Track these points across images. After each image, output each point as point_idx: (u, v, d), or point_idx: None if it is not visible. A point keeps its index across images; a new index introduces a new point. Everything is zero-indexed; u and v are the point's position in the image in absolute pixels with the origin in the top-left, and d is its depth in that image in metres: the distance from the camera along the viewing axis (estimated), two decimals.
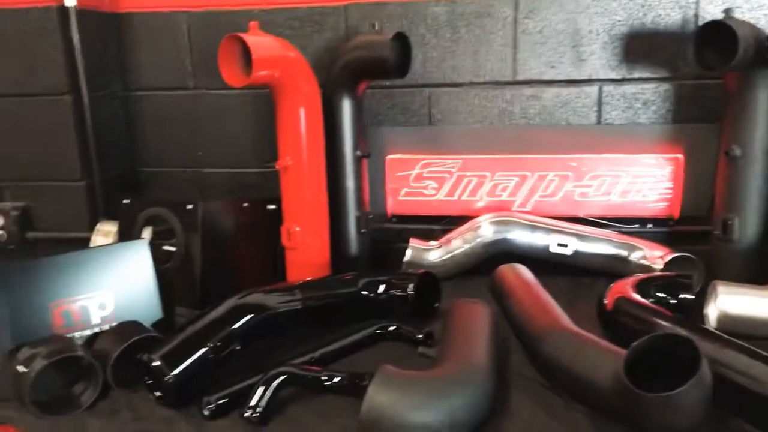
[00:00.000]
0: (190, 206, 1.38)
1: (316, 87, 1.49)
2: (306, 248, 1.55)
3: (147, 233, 1.44)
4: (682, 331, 1.04)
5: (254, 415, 1.05)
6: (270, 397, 1.07)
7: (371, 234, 1.71)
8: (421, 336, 1.31)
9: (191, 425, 1.07)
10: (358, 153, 1.61)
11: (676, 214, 1.70)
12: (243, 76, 1.35)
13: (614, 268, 1.62)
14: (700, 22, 1.58)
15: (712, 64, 1.39)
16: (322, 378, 1.12)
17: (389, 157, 1.76)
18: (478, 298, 1.53)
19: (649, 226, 1.71)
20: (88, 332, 1.26)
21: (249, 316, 1.22)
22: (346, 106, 1.57)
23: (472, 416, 0.97)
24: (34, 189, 1.76)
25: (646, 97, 1.66)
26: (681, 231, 1.70)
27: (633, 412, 0.93)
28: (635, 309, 1.27)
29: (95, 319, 1.27)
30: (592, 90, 1.67)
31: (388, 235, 1.81)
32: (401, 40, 1.51)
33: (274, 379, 1.09)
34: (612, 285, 1.38)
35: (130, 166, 1.88)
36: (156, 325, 1.32)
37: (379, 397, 0.94)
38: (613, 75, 1.66)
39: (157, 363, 1.10)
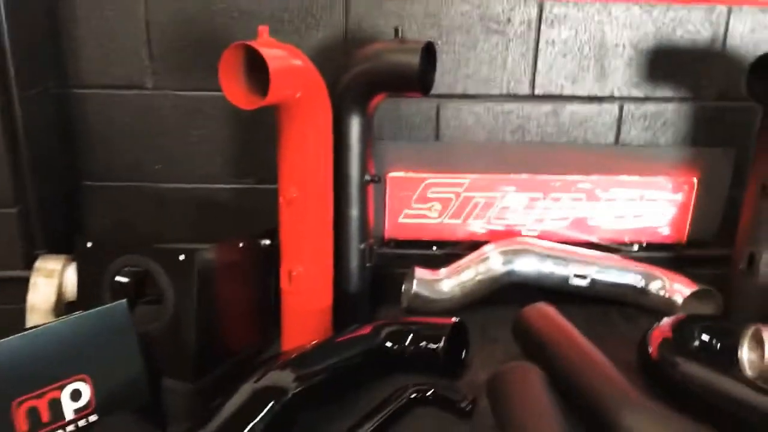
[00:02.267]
0: (182, 257, 1.10)
1: (329, 107, 1.24)
2: (308, 292, 1.31)
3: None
4: None
5: None
6: None
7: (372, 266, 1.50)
8: (465, 405, 1.15)
9: None
10: (367, 177, 1.38)
11: (684, 238, 1.64)
12: (252, 96, 1.08)
13: (632, 299, 1.54)
14: (728, 41, 1.50)
15: (765, 98, 1.30)
16: None
17: (391, 175, 1.55)
18: (497, 336, 1.43)
19: (659, 251, 1.64)
20: None
21: (271, 403, 0.99)
22: (355, 125, 1.32)
23: None
24: None
25: (666, 117, 1.56)
26: (689, 256, 1.64)
27: None
28: (689, 364, 1.18)
29: (69, 414, 0.98)
30: (613, 108, 1.55)
31: (384, 261, 1.61)
32: (427, 51, 1.28)
33: None
34: (652, 330, 1.29)
35: (69, 182, 1.52)
36: (143, 409, 1.06)
37: None
38: (636, 93, 1.53)
39: None
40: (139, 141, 1.52)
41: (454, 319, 1.29)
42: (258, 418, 0.96)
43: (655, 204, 1.61)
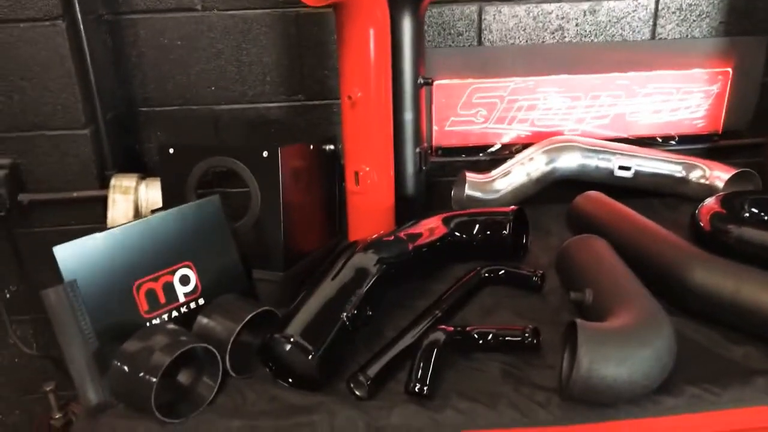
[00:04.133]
0: (265, 153, 1.16)
1: (386, 5, 1.28)
2: (374, 192, 1.38)
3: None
4: None
5: (423, 388, 0.93)
6: (433, 368, 0.95)
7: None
8: (536, 279, 1.22)
9: (353, 408, 0.92)
10: (420, 80, 1.43)
11: (720, 128, 1.70)
12: None
13: (673, 189, 1.60)
14: None
15: None
16: (479, 338, 1.02)
17: (437, 82, 1.59)
18: (550, 228, 1.50)
19: (696, 143, 1.70)
20: (174, 314, 1.05)
21: (375, 276, 1.07)
22: (408, 26, 1.36)
23: (670, 361, 0.91)
24: (24, 141, 1.41)
25: (701, 8, 1.60)
26: (724, 145, 1.71)
27: None
28: (743, 230, 1.25)
29: (181, 297, 1.06)
30: (650, 2, 1.58)
31: (432, 168, 1.67)
32: None
33: (432, 349, 0.96)
34: (701, 207, 1.36)
35: (127, 107, 1.56)
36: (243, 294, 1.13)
37: (591, 354, 0.85)
38: None
39: (296, 340, 0.93)
40: (191, 64, 1.55)
41: (514, 207, 1.36)
42: (365, 289, 1.04)
43: (691, 96, 1.66)
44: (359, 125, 1.33)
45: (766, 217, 1.35)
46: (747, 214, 1.34)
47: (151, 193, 1.40)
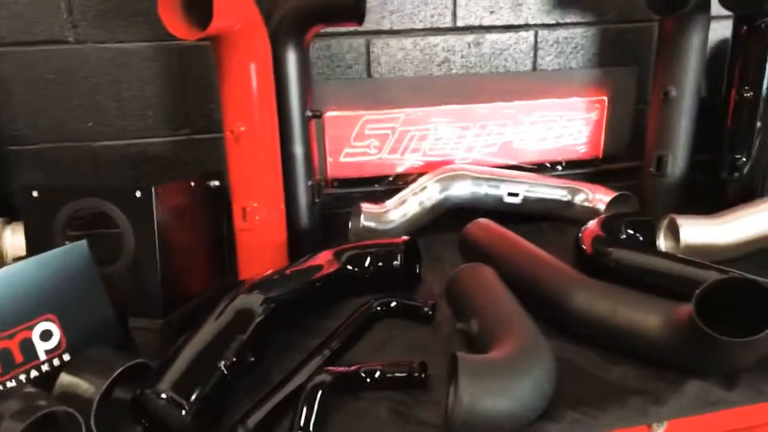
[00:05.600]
0: (138, 193, 1.09)
1: (267, 39, 1.26)
2: (264, 228, 1.34)
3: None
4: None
5: None
6: (317, 412, 0.91)
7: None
8: (427, 309, 1.22)
9: None
10: (308, 113, 1.41)
11: (601, 153, 1.79)
12: (191, 28, 1.08)
13: (560, 213, 1.67)
14: None
15: (663, 10, 1.45)
16: (366, 377, 0.99)
17: (328, 114, 1.59)
18: (443, 256, 1.51)
19: (579, 167, 1.79)
20: (34, 374, 0.96)
21: (258, 319, 1.02)
22: (293, 59, 1.35)
23: (550, 388, 0.92)
24: None
25: (576, 41, 1.69)
26: (605, 170, 1.80)
27: (697, 355, 0.96)
28: (621, 251, 1.31)
29: (41, 355, 0.97)
30: (529, 35, 1.66)
31: (327, 200, 1.65)
32: None
33: (316, 392, 0.93)
34: (583, 231, 1.41)
35: None
36: (115, 347, 1.05)
37: (471, 388, 0.84)
38: (547, 20, 1.65)
39: (168, 395, 0.87)
40: (66, 99, 1.46)
41: (405, 237, 1.36)
42: (245, 335, 0.99)
43: (572, 124, 1.74)
44: (245, 160, 1.29)
45: (641, 238, 1.43)
46: (624, 236, 1.41)
47: (17, 239, 1.29)
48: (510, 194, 1.63)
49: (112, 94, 1.48)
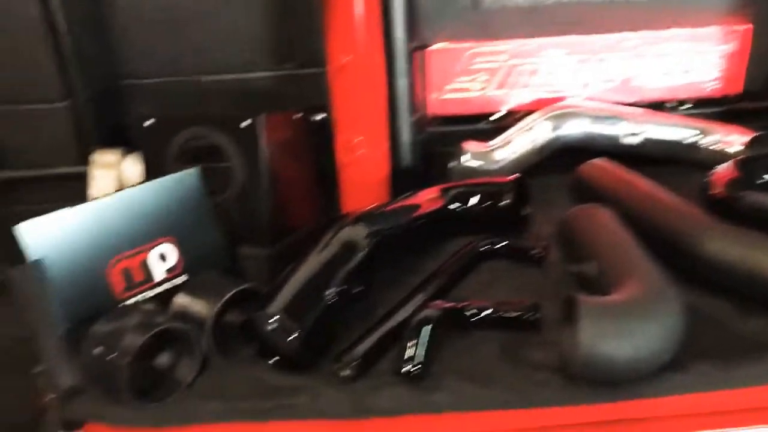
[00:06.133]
0: (246, 123, 1.09)
1: None
2: (366, 163, 1.31)
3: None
4: None
5: (415, 368, 0.87)
6: (425, 346, 0.89)
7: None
8: (538, 251, 1.16)
9: (339, 389, 0.87)
10: (414, 44, 1.35)
11: (739, 89, 1.60)
12: None
13: (686, 155, 1.52)
14: None
15: None
16: (475, 315, 0.96)
17: (432, 47, 1.51)
18: (553, 199, 1.42)
19: (712, 106, 1.61)
20: (150, 293, 1.00)
21: (366, 249, 1.00)
22: None
23: (680, 336, 0.84)
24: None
25: None
26: (743, 108, 1.61)
27: None
28: (760, 195, 1.17)
29: (158, 275, 1.00)
30: None
31: (431, 139, 1.59)
32: None
33: (423, 325, 0.90)
34: (714, 171, 1.27)
35: (110, 81, 1.50)
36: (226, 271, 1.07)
37: (593, 329, 0.79)
38: None
39: (278, 319, 0.88)
40: (176, 34, 1.48)
41: (515, 176, 1.28)
42: (354, 263, 0.98)
43: (706, 56, 1.56)
44: (349, 92, 1.26)
45: None
46: (764, 180, 1.26)
47: (136, 168, 1.34)
48: (628, 134, 1.50)
49: (218, 28, 1.48)
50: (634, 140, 1.51)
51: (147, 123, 1.18)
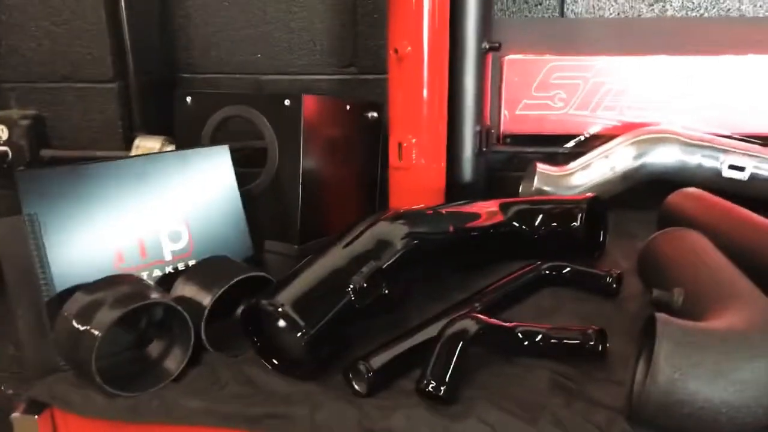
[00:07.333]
0: (287, 101, 0.99)
1: None
2: (421, 169, 1.17)
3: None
4: None
5: (440, 388, 0.70)
6: (456, 364, 0.72)
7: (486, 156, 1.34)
8: (611, 280, 0.96)
9: (346, 403, 0.71)
10: (485, 44, 1.22)
11: None
12: None
13: None
14: None
15: None
16: (523, 338, 0.78)
17: (508, 57, 1.38)
18: (636, 232, 1.22)
19: None
20: (157, 272, 0.89)
21: (400, 249, 0.85)
22: None
23: None
24: (50, 92, 1.34)
25: None
26: None
27: None
28: None
29: (167, 255, 0.90)
30: None
31: (498, 159, 1.44)
32: None
33: (459, 339, 0.73)
34: None
35: (166, 70, 1.46)
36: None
37: (675, 359, 0.59)
38: None
39: (286, 312, 0.73)
40: (238, 29, 1.44)
41: (590, 194, 1.11)
42: (381, 262, 0.83)
43: None
44: (407, 86, 1.14)
45: None
46: None
47: None
48: (732, 167, 1.29)
49: (281, 25, 1.43)
50: (740, 175, 1.29)
51: (187, 99, 1.10)
